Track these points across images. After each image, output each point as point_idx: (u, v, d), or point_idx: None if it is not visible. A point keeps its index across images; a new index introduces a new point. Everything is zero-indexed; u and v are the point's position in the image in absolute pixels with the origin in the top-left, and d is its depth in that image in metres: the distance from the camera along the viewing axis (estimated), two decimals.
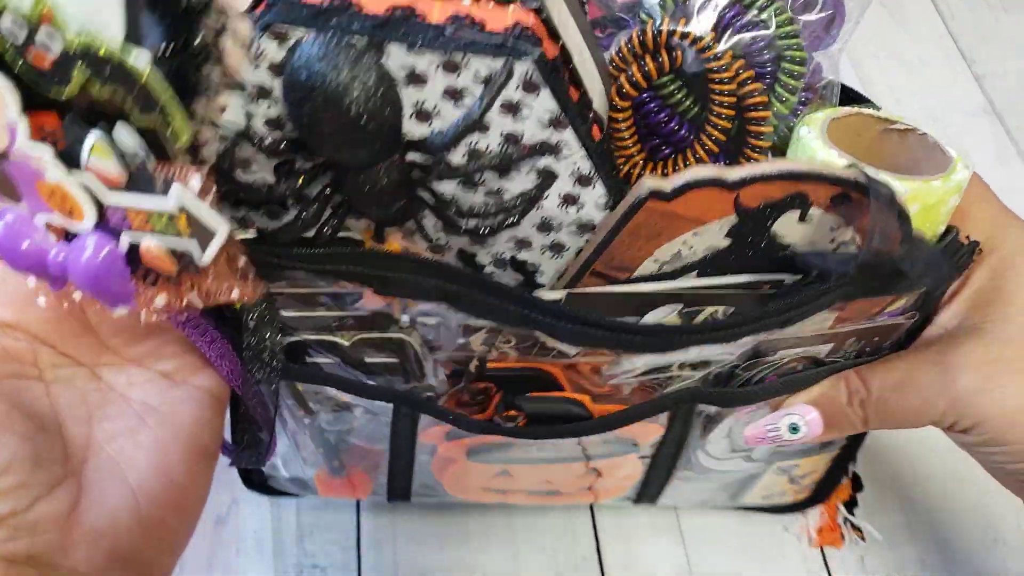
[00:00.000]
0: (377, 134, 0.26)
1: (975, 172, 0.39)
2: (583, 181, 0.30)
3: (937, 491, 0.52)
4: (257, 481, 0.47)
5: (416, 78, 0.27)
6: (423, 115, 0.28)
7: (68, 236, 0.26)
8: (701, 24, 0.37)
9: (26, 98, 0.23)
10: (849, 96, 0.41)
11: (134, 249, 0.26)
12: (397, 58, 0.26)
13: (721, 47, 0.37)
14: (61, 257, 0.26)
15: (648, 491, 0.46)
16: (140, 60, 0.22)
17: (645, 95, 0.39)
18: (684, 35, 0.36)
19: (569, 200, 0.31)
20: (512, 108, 0.28)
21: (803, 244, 0.34)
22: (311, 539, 0.49)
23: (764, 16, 0.37)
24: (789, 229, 0.33)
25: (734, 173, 0.30)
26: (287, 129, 0.28)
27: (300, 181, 0.28)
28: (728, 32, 0.37)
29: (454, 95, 0.27)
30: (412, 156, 0.29)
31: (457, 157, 0.29)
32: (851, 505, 0.51)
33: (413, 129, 0.29)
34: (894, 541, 0.50)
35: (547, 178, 0.30)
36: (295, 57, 0.25)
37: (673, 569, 0.49)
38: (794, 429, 0.37)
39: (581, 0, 0.39)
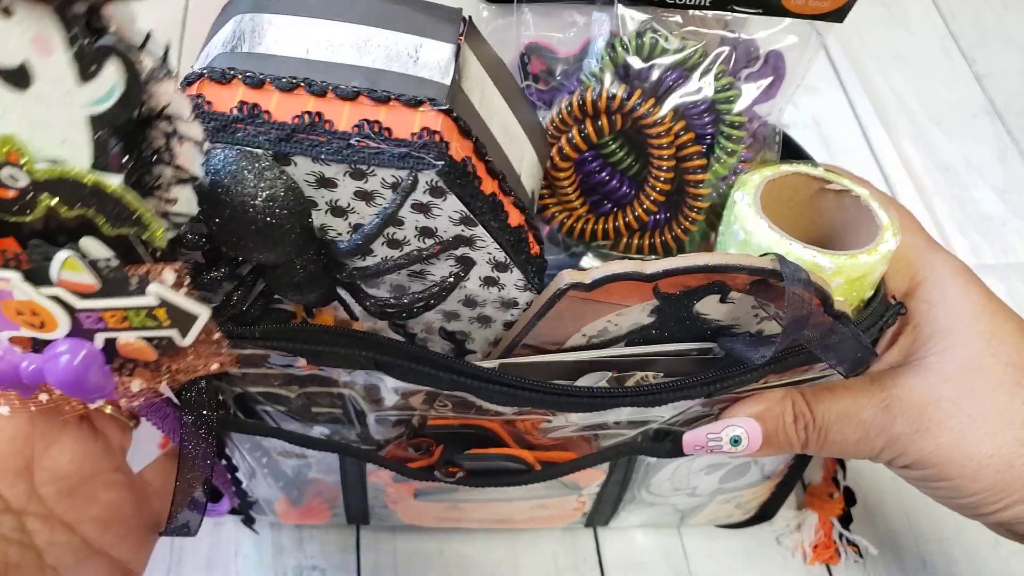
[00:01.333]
0: (286, 239, 0.28)
1: (894, 199, 0.39)
2: (499, 267, 0.31)
3: None
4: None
5: (326, 182, 0.28)
6: (338, 211, 0.29)
7: (36, 344, 0.28)
8: (642, 89, 0.37)
9: None
10: (791, 147, 0.41)
11: (109, 343, 0.28)
12: (304, 167, 0.27)
13: (663, 111, 0.37)
14: (33, 368, 0.27)
15: (598, 519, 0.48)
16: (114, 181, 0.23)
17: (587, 154, 0.39)
18: (624, 100, 0.37)
19: (490, 282, 0.32)
20: (422, 208, 0.29)
21: (727, 320, 0.34)
22: (310, 540, 0.50)
23: (704, 81, 0.37)
24: (711, 308, 0.34)
25: (650, 267, 0.31)
26: (208, 227, 0.29)
27: (224, 271, 0.30)
28: (669, 95, 0.37)
29: (365, 196, 0.28)
30: (327, 253, 0.30)
31: (377, 247, 0.30)
32: (846, 521, 0.51)
33: (332, 223, 0.30)
34: (896, 543, 0.51)
35: (466, 264, 0.31)
36: (205, 167, 0.26)
37: (673, 570, 0.50)
38: (735, 441, 0.37)
39: (524, 60, 0.39)
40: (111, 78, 0.21)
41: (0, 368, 0.27)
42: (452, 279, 0.31)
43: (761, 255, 0.32)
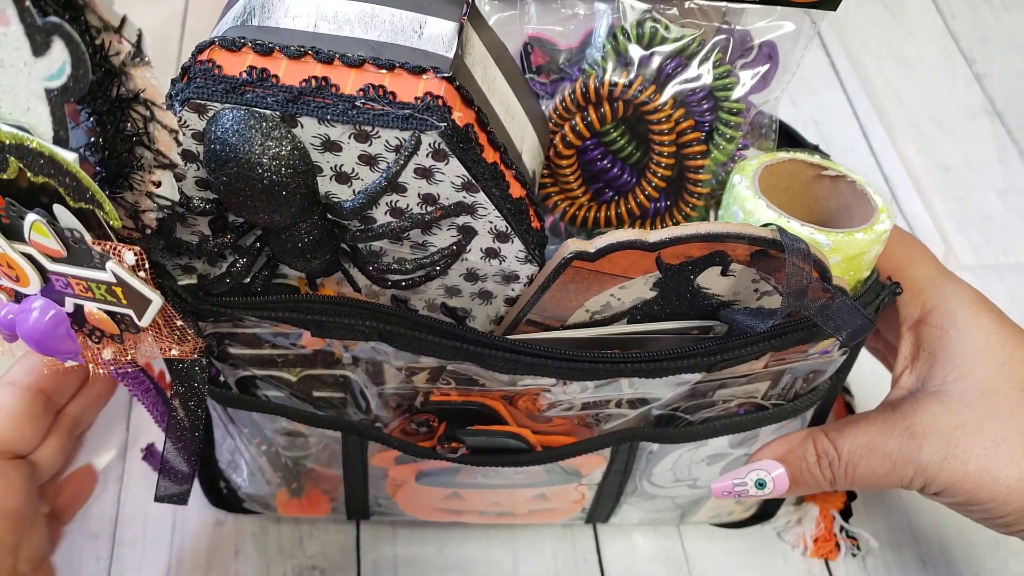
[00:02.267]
0: (292, 200, 0.28)
1: (909, 234, 0.40)
2: (501, 237, 0.32)
3: None
4: (224, 499, 0.49)
5: (331, 145, 0.29)
6: (343, 177, 0.30)
7: (18, 296, 0.29)
8: (642, 76, 0.38)
9: None
10: (789, 134, 0.42)
11: (79, 308, 0.29)
12: (311, 129, 0.28)
13: (662, 98, 0.38)
14: (11, 316, 0.28)
15: (598, 513, 0.48)
16: (69, 156, 0.24)
17: (589, 142, 0.40)
18: (626, 87, 0.38)
19: (491, 253, 0.32)
20: (425, 173, 0.29)
21: (728, 294, 0.35)
22: (311, 540, 0.49)
23: (703, 68, 0.38)
24: (712, 282, 0.34)
25: (653, 236, 0.32)
26: (215, 189, 0.30)
27: (229, 238, 0.30)
28: (669, 83, 0.38)
29: (368, 160, 0.29)
30: (331, 217, 0.30)
31: (379, 214, 0.31)
32: (846, 514, 0.51)
33: (335, 189, 0.30)
34: (896, 542, 0.51)
35: (467, 233, 0.32)
36: (211, 130, 0.27)
37: (673, 570, 0.49)
38: (760, 485, 0.37)
39: (526, 51, 0.40)
40: (60, 56, 0.21)
41: None
42: (455, 247, 0.31)
43: (762, 226, 0.33)
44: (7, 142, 0.23)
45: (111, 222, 0.25)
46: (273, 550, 0.49)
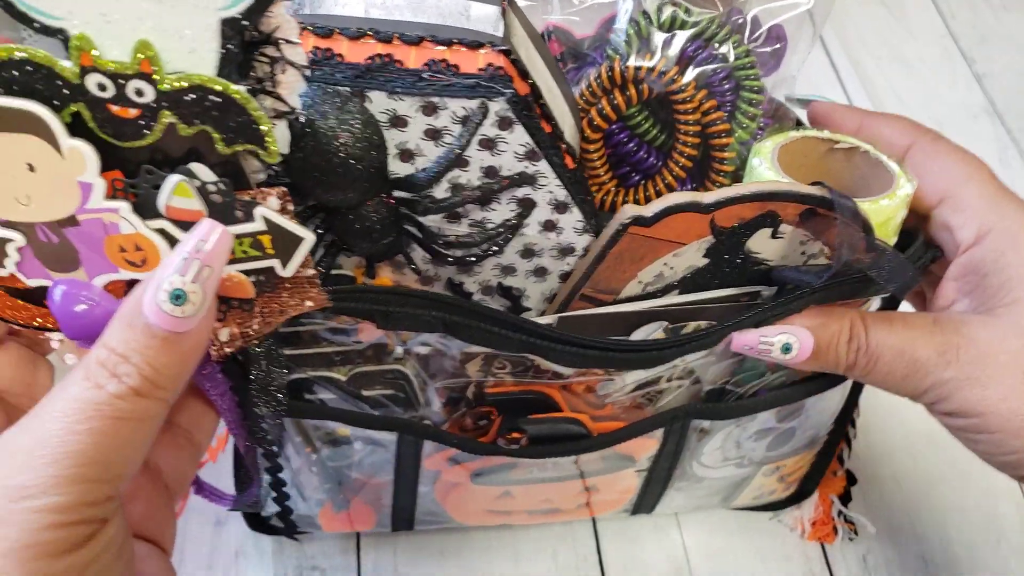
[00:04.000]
0: (365, 175, 0.28)
1: (965, 149, 0.39)
2: (560, 208, 0.32)
3: (940, 489, 0.53)
4: (262, 521, 0.47)
5: (398, 121, 0.29)
6: (406, 154, 0.30)
7: (127, 289, 0.27)
8: (665, 58, 0.39)
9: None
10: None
11: None
12: (379, 103, 0.28)
13: (685, 79, 0.39)
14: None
15: (645, 503, 0.47)
16: (242, 88, 0.23)
17: (615, 126, 0.41)
18: (650, 70, 0.39)
19: (548, 226, 0.33)
20: (489, 144, 0.30)
21: (776, 258, 0.35)
22: (311, 540, 0.49)
23: (723, 49, 0.39)
24: (762, 245, 0.35)
25: (709, 197, 0.32)
26: (278, 173, 0.30)
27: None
28: (691, 65, 0.40)
29: (434, 135, 0.29)
30: (398, 193, 0.30)
31: (440, 191, 0.31)
32: (845, 499, 0.51)
33: (397, 168, 0.30)
34: (896, 539, 0.51)
35: (526, 207, 0.32)
36: None
37: (673, 569, 0.49)
38: (786, 349, 0.35)
39: (544, 40, 0.41)
40: None
41: (96, 314, 0.26)
42: (515, 219, 0.32)
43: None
44: (170, 88, 0.22)
45: (271, 157, 0.24)
46: (274, 550, 0.48)
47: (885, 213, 0.37)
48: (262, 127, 0.23)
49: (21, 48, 0.23)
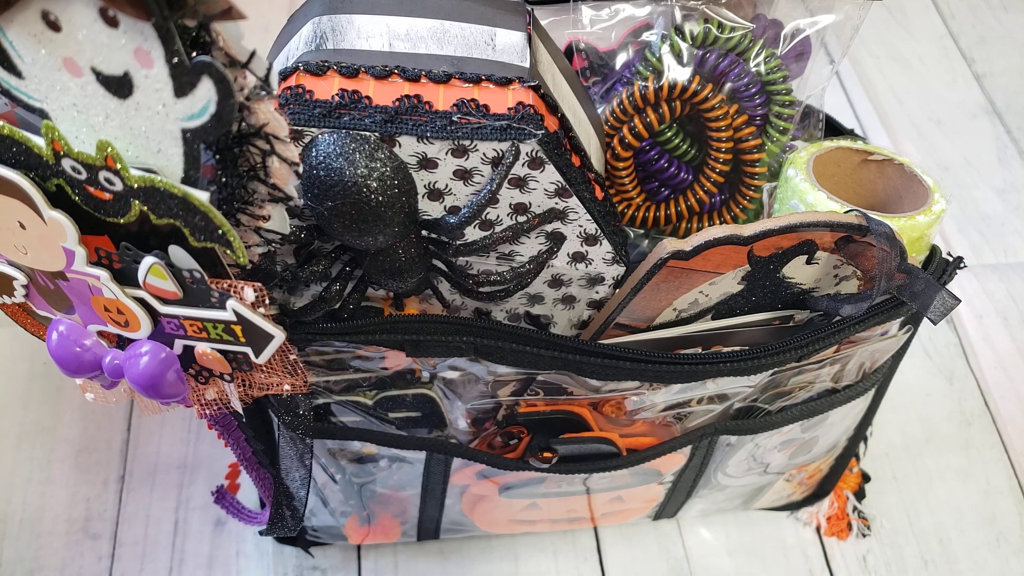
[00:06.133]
0: (395, 220, 0.28)
1: None
2: (590, 240, 0.32)
3: (940, 489, 0.53)
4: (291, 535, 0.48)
5: (428, 163, 0.28)
6: (435, 194, 0.30)
7: (120, 341, 0.28)
8: (699, 76, 0.38)
9: (82, 222, 0.25)
10: (833, 126, 0.43)
11: (188, 349, 0.28)
12: (408, 147, 0.28)
13: (716, 95, 0.38)
14: (116, 362, 0.28)
15: (668, 510, 0.48)
16: (202, 196, 0.23)
17: (645, 144, 0.40)
18: (684, 88, 0.38)
19: (578, 257, 0.32)
20: (519, 182, 0.29)
21: (810, 282, 0.35)
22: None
23: (754, 64, 0.38)
24: (797, 271, 0.34)
25: (748, 229, 0.32)
26: (304, 216, 0.29)
27: (323, 265, 0.30)
28: (723, 80, 0.39)
29: (464, 175, 0.29)
30: (428, 233, 0.30)
31: (470, 230, 0.31)
32: (860, 496, 0.51)
33: (427, 207, 0.30)
34: (896, 540, 0.51)
35: (556, 240, 0.32)
36: (312, 155, 0.27)
37: (673, 569, 0.49)
38: None
39: (568, 55, 0.40)
40: (205, 95, 0.21)
41: (86, 358, 0.27)
42: (544, 253, 0.31)
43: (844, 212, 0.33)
44: (135, 186, 0.23)
45: (239, 259, 0.24)
46: (274, 551, 0.49)
47: (919, 229, 0.36)
48: (228, 237, 0.23)
49: (3, 125, 0.23)
